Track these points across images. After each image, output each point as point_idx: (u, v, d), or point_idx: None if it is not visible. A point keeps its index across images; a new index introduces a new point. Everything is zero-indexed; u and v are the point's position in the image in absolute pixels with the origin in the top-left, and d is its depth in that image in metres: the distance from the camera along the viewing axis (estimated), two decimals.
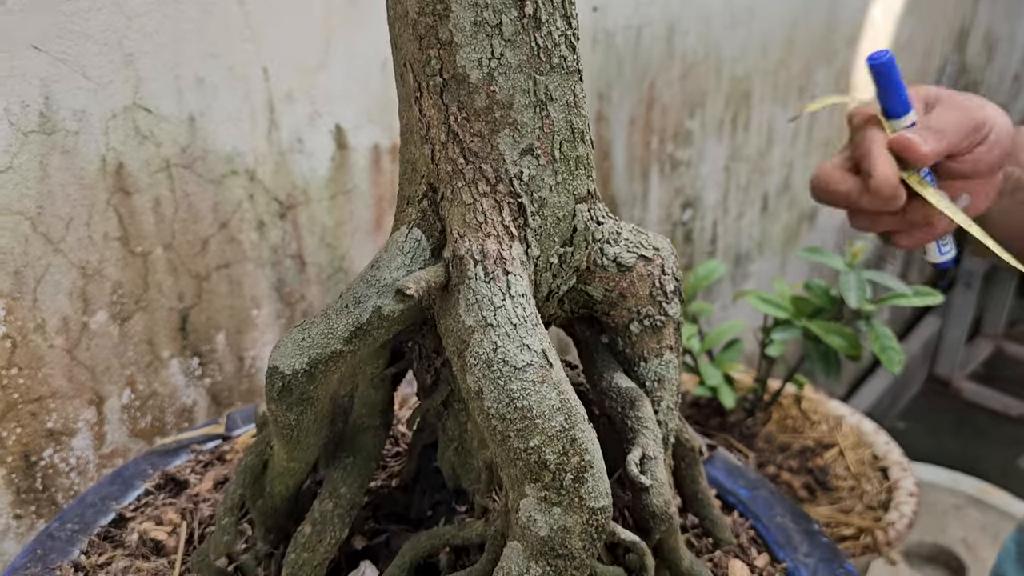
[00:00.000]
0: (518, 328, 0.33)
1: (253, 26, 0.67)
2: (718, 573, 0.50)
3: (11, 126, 0.57)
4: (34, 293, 0.60)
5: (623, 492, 0.43)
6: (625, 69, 1.08)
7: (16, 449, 0.63)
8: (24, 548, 0.52)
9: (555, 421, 0.33)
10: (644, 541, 0.40)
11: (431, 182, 0.36)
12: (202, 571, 0.44)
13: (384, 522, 0.46)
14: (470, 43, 0.33)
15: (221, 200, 0.70)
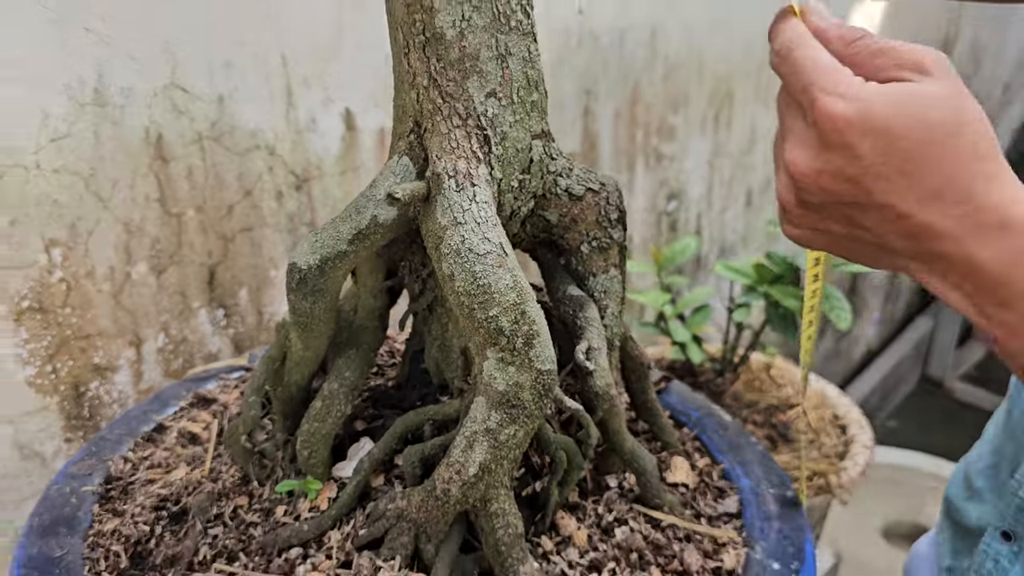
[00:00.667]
0: (481, 226, 0.43)
1: (273, 17, 0.78)
2: (662, 467, 0.59)
3: (69, 99, 0.67)
4: (86, 244, 0.71)
5: (574, 381, 0.52)
6: (610, 68, 1.18)
7: (68, 380, 0.72)
8: (81, 449, 0.62)
9: (509, 296, 0.42)
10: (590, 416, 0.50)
11: (416, 119, 0.46)
12: (231, 448, 0.53)
13: (381, 410, 0.56)
14: (446, 8, 0.43)
15: (245, 171, 0.80)
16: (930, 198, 0.32)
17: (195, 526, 0.51)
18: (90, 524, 0.53)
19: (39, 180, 0.67)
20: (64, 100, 0.67)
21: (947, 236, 0.32)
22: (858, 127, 0.32)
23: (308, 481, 0.50)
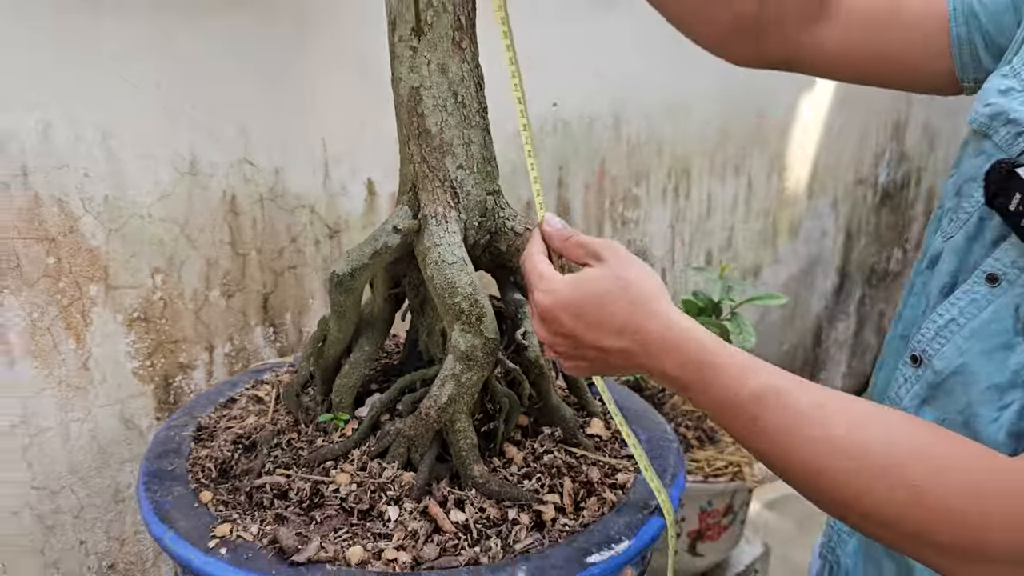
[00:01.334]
0: (451, 247, 0.69)
1: (318, 113, 1.06)
2: (584, 424, 0.84)
3: (174, 169, 0.95)
4: (179, 272, 0.98)
5: (516, 355, 0.77)
6: (579, 149, 1.46)
7: (160, 373, 0.99)
8: (177, 411, 0.88)
9: (467, 290, 0.68)
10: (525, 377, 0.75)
11: (413, 183, 0.73)
12: (287, 401, 0.79)
13: (389, 378, 0.81)
14: (431, 115, 0.71)
15: (292, 224, 1.08)
16: (617, 335, 0.58)
17: (262, 451, 0.76)
18: (189, 453, 0.78)
19: (150, 226, 0.94)
20: (170, 169, 0.95)
21: (638, 354, 0.58)
22: (556, 308, 0.59)
23: (339, 415, 0.75)
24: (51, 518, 0.93)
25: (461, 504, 0.70)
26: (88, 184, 0.88)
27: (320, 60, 1.04)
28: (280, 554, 0.65)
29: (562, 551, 0.67)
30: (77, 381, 0.92)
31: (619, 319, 0.58)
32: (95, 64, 0.86)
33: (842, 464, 0.55)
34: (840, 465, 0.55)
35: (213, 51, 0.95)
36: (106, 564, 0.99)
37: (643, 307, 0.58)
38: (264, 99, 1.01)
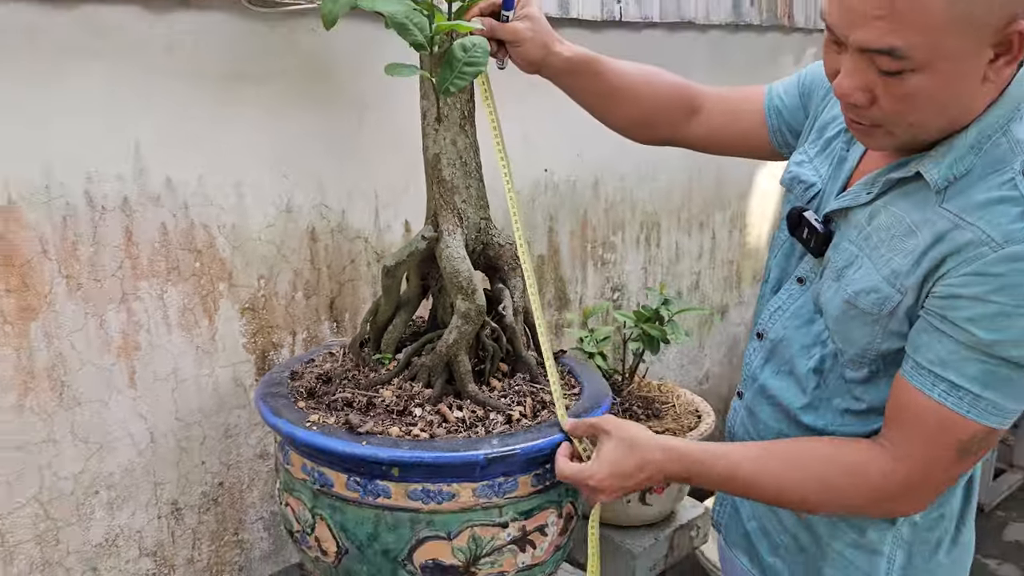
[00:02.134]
0: (456, 248, 1.13)
1: (371, 174, 1.52)
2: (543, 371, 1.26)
3: (276, 209, 1.41)
4: (275, 279, 1.43)
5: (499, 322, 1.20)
6: (566, 204, 1.91)
7: (260, 348, 1.43)
8: (272, 368, 1.31)
9: (466, 274, 1.12)
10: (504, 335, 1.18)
11: (434, 211, 1.18)
12: (352, 351, 1.22)
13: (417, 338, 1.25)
14: (446, 170, 1.16)
15: (352, 249, 1.53)
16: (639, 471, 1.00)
17: (335, 380, 1.19)
18: (287, 384, 1.22)
19: (259, 246, 1.40)
20: (274, 209, 1.41)
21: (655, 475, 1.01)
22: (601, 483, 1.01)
23: (385, 356, 1.19)
24: (185, 443, 1.36)
25: (461, 408, 1.12)
26: (223, 216, 1.34)
27: (374, 139, 1.51)
28: (349, 429, 1.07)
29: (521, 435, 1.08)
30: (207, 348, 1.36)
31: (635, 464, 1.01)
32: (234, 140, 1.33)
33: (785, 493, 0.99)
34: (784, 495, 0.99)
35: (304, 133, 1.42)
36: (217, 481, 1.42)
37: (645, 447, 1.02)
38: (336, 164, 1.47)
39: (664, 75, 1.23)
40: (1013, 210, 0.84)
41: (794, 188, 1.10)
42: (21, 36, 1.11)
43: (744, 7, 2.19)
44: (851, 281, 0.95)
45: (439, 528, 1.07)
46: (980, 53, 0.81)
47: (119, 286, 1.25)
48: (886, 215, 0.94)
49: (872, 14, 0.80)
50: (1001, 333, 0.84)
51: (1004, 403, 0.87)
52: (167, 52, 1.24)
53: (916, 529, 1.03)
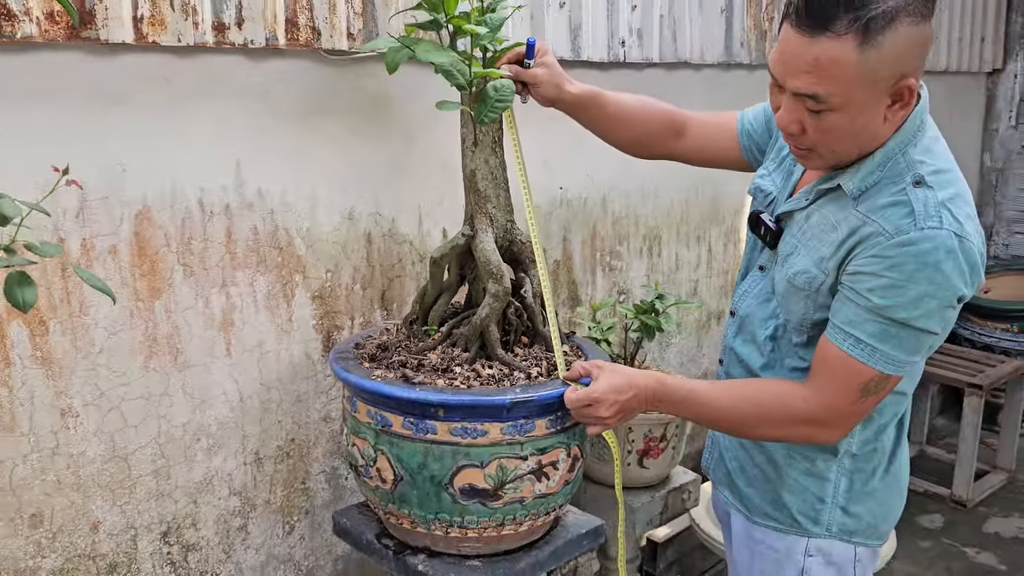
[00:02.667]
0: (489, 243, 1.45)
1: (416, 189, 1.85)
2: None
3: (340, 216, 1.74)
4: (339, 273, 1.76)
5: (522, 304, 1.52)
6: (578, 217, 2.23)
7: (325, 330, 1.75)
8: (339, 343, 1.64)
9: (495, 262, 1.44)
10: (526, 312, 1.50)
11: (471, 215, 1.50)
12: (404, 325, 1.55)
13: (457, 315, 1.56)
14: (480, 182, 1.48)
15: (400, 251, 1.85)
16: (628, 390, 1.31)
17: (392, 349, 1.51)
18: (353, 352, 1.54)
19: (326, 246, 1.73)
20: (339, 217, 1.74)
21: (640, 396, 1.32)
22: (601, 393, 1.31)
23: (431, 328, 1.51)
24: (266, 403, 1.69)
25: (491, 367, 1.44)
26: (299, 220, 1.68)
27: (418, 161, 1.84)
28: (405, 380, 1.39)
29: (538, 387, 1.40)
30: (285, 327, 1.69)
31: (626, 383, 1.31)
32: (310, 161, 1.67)
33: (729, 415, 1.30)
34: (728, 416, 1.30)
35: (365, 156, 1.75)
36: (290, 437, 1.74)
37: (632, 373, 1.33)
38: (388, 181, 1.80)
39: (655, 104, 1.56)
40: (902, 210, 1.15)
41: (756, 196, 1.42)
42: (156, 81, 1.46)
43: (735, 48, 2.52)
44: (791, 265, 1.27)
45: (474, 459, 1.38)
46: (880, 100, 1.12)
47: (221, 274, 1.58)
48: (818, 216, 1.25)
49: (802, 68, 1.11)
50: (892, 300, 1.14)
51: (895, 354, 1.17)
52: (263, 92, 1.58)
53: (855, 460, 1.33)
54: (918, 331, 1.15)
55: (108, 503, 1.50)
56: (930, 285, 1.12)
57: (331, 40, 1.61)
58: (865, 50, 1.06)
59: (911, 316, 1.14)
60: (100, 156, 1.41)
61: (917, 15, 1.08)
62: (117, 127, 1.43)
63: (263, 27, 1.52)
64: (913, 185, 1.16)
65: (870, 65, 1.08)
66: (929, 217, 1.12)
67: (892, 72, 1.09)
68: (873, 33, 1.06)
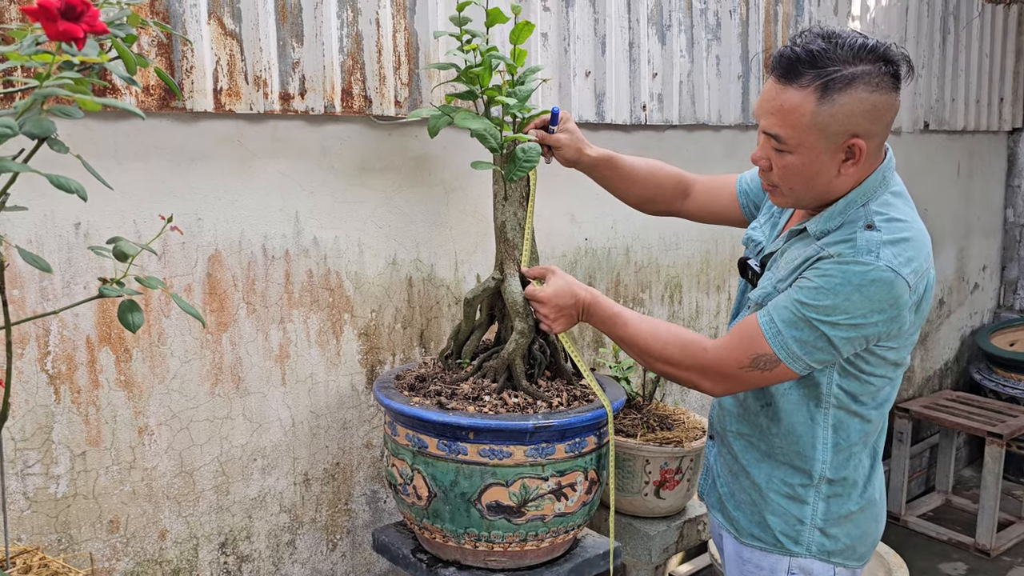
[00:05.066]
0: (516, 287, 1.64)
1: (454, 238, 2.05)
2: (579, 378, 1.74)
3: (384, 261, 1.94)
4: (382, 313, 1.95)
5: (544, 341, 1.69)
6: (602, 266, 2.41)
7: (369, 364, 1.94)
8: (382, 375, 1.82)
9: (522, 303, 1.62)
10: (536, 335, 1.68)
11: (501, 261, 1.69)
12: (440, 359, 1.73)
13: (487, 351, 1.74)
14: (510, 232, 1.67)
15: (437, 293, 2.05)
16: (568, 297, 1.54)
17: (428, 380, 1.69)
18: (393, 383, 1.72)
19: (372, 288, 1.93)
20: (383, 262, 1.94)
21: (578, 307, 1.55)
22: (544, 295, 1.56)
23: (464, 361, 1.68)
24: (315, 430, 1.87)
25: (517, 396, 1.61)
26: (348, 265, 1.88)
27: (455, 214, 2.05)
28: (440, 406, 1.57)
29: (558, 414, 1.56)
30: (334, 361, 1.88)
31: (568, 292, 1.54)
32: (360, 212, 1.88)
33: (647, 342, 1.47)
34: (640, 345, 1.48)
35: (408, 208, 1.96)
36: (335, 461, 1.91)
37: (576, 285, 1.55)
38: (428, 231, 2.01)
39: (664, 167, 1.75)
40: (847, 243, 1.30)
41: (748, 244, 1.59)
42: (230, 143, 1.69)
43: (751, 110, 2.71)
44: (762, 288, 1.44)
45: (500, 478, 1.54)
46: (834, 153, 1.29)
47: (279, 312, 1.79)
48: (789, 253, 1.42)
49: (769, 110, 1.29)
50: (810, 299, 1.29)
51: (792, 345, 1.32)
52: (320, 152, 1.80)
53: (831, 485, 1.46)
54: (819, 334, 1.29)
55: (175, 514, 1.69)
56: (844, 301, 1.27)
57: (380, 107, 1.84)
58: (822, 104, 1.24)
59: (818, 318, 1.28)
60: (181, 207, 1.64)
61: (875, 86, 1.25)
62: (196, 183, 1.65)
63: (323, 96, 1.75)
64: (864, 228, 1.31)
65: (823, 118, 1.25)
66: (869, 251, 1.27)
67: (843, 129, 1.26)
68: (831, 91, 1.24)
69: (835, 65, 1.24)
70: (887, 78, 1.26)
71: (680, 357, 1.43)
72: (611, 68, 2.29)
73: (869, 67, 1.25)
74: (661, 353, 1.45)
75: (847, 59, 1.24)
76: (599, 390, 1.61)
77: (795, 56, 1.25)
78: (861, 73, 1.24)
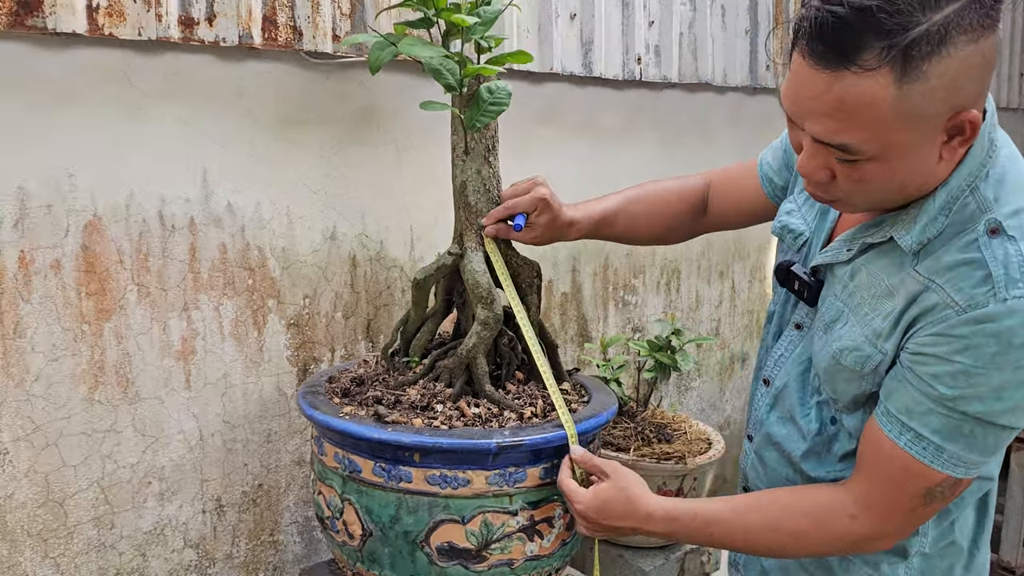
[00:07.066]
0: (478, 263, 1.27)
1: (409, 209, 1.69)
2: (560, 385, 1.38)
3: (321, 236, 1.57)
4: (318, 299, 1.58)
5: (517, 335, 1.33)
6: (588, 247, 2.05)
7: (301, 362, 1.57)
8: (316, 373, 1.45)
9: (485, 285, 1.26)
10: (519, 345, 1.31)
11: (460, 232, 1.33)
12: (383, 356, 1.36)
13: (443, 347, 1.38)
14: (471, 196, 1.31)
15: (388, 276, 1.68)
16: (621, 519, 1.12)
17: (368, 383, 1.32)
18: (325, 387, 1.35)
19: (304, 269, 1.56)
20: (320, 236, 1.57)
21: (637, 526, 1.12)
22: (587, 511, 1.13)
23: (413, 359, 1.32)
24: (230, 444, 1.50)
25: (478, 405, 1.25)
26: (275, 240, 1.51)
27: (410, 178, 1.68)
28: (377, 419, 1.20)
29: (530, 429, 1.20)
30: (255, 358, 1.51)
31: (620, 511, 1.12)
32: (289, 173, 1.51)
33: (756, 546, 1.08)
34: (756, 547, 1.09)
35: (350, 170, 1.59)
36: (257, 483, 1.54)
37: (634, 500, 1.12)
38: (375, 200, 1.64)
39: (665, 194, 1.39)
40: (976, 273, 0.88)
41: (784, 237, 1.20)
42: (114, 78, 1.31)
43: (760, 71, 2.36)
44: (837, 337, 1.02)
45: (454, 512, 1.18)
46: (933, 140, 0.87)
47: (182, 296, 1.41)
48: (866, 274, 0.99)
49: (822, 112, 0.85)
50: (963, 390, 0.89)
51: (966, 455, 0.93)
52: (236, 95, 1.43)
53: (928, 559, 1.07)
54: (999, 428, 0.91)
55: (39, 555, 1.32)
56: (1017, 371, 0.88)
57: (313, 42, 1.46)
58: (905, 85, 0.81)
59: (990, 411, 0.89)
60: (44, 159, 1.26)
61: (975, 29, 0.81)
62: (67, 129, 1.27)
63: (237, 23, 1.37)
64: (988, 234, 0.90)
65: (913, 102, 0.82)
66: (1013, 283, 0.87)
67: (945, 107, 0.84)
68: (915, 63, 0.81)
69: (911, 18, 0.80)
70: (982, 14, 0.82)
71: (826, 539, 1.03)
72: (600, 11, 1.92)
73: (957, 4, 0.81)
74: (798, 547, 1.06)
75: (924, 2, 0.80)
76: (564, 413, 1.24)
77: (841, 22, 0.81)
78: (953, 18, 0.80)
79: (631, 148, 2.08)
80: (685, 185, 1.38)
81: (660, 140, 2.17)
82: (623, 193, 1.39)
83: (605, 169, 2.02)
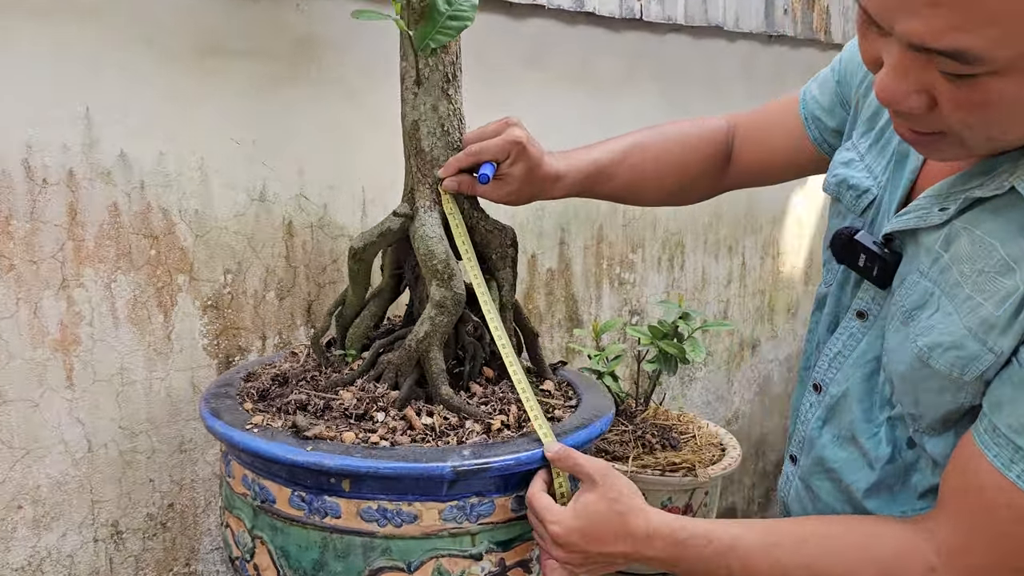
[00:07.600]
0: (434, 227, 0.97)
1: (359, 165, 1.38)
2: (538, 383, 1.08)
3: (247, 196, 1.27)
4: (244, 274, 1.28)
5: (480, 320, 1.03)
6: (579, 215, 1.75)
7: (223, 352, 1.27)
8: (234, 368, 1.15)
9: (442, 256, 0.96)
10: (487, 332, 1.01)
11: (411, 187, 1.02)
12: (314, 347, 1.06)
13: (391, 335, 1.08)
14: (425, 139, 1.01)
15: (334, 248, 1.37)
16: (614, 542, 0.81)
17: (292, 381, 1.02)
18: (239, 385, 1.05)
19: (226, 236, 1.25)
20: (245, 196, 1.26)
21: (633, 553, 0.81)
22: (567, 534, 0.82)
23: (349, 352, 1.02)
24: (129, 455, 1.20)
25: (431, 413, 0.95)
26: (185, 200, 1.20)
27: (363, 123, 1.37)
28: (295, 433, 0.90)
29: (499, 447, 0.90)
30: (161, 348, 1.21)
31: (612, 530, 0.82)
32: (204, 117, 1.20)
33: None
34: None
35: (285, 116, 1.28)
36: (167, 502, 1.25)
37: (630, 515, 0.82)
38: (318, 152, 1.33)
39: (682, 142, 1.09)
40: None
41: (843, 196, 0.89)
42: None
43: (777, 16, 2.04)
44: (924, 329, 0.73)
45: (397, 557, 0.89)
46: None
47: (59, 270, 1.11)
48: (969, 241, 0.71)
49: (927, 0, 0.57)
50: None
51: None
52: (130, 14, 1.12)
53: None
54: None
55: None
56: None
57: None
58: None
59: None
60: None
61: None
62: None
63: None
64: None
65: None
66: None
67: None
68: None
69: None
70: None
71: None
72: None
73: None
74: None
75: None
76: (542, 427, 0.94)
77: None
78: None
79: (631, 99, 1.77)
80: (705, 126, 1.08)
81: (662, 92, 1.85)
82: (624, 138, 1.09)
83: (601, 118, 1.71)
